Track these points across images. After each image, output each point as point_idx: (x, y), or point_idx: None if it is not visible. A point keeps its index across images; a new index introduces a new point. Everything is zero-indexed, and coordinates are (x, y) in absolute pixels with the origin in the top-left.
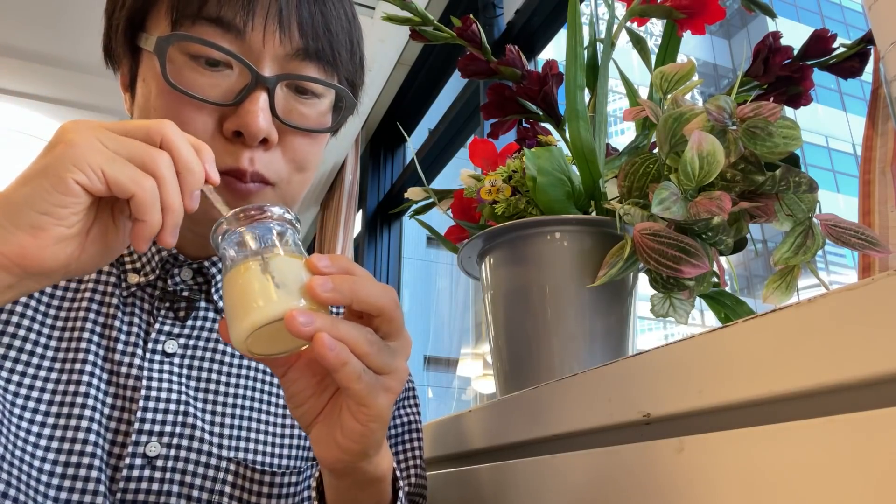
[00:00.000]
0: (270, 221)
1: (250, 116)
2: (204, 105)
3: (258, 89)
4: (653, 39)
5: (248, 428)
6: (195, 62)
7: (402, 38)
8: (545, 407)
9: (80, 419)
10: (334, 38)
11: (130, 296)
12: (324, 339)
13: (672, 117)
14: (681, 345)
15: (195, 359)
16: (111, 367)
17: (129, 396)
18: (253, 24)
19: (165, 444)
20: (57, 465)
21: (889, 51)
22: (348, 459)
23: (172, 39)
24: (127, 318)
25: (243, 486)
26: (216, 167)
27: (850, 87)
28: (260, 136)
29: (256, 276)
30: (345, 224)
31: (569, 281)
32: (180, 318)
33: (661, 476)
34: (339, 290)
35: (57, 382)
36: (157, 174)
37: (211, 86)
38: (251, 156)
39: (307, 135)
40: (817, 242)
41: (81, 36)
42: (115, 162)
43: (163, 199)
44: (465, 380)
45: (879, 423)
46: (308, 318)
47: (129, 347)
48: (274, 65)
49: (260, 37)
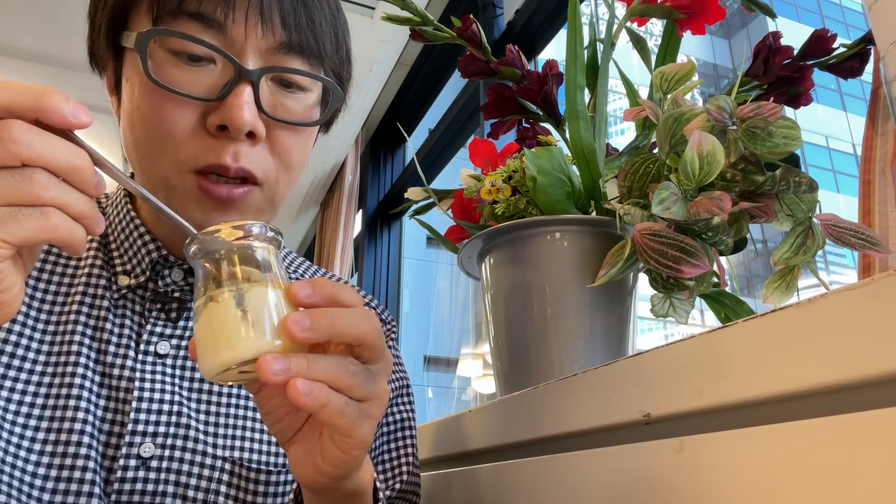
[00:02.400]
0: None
1: (235, 109)
2: (187, 101)
3: (242, 83)
4: (653, 39)
5: (243, 427)
6: (177, 58)
7: (402, 38)
8: (545, 407)
9: (73, 422)
10: (318, 30)
11: (121, 298)
12: (297, 386)
13: (672, 117)
14: (681, 345)
15: (188, 359)
16: (103, 370)
17: (122, 398)
18: (234, 17)
19: (160, 445)
20: (51, 468)
21: (889, 51)
22: (327, 481)
23: (153, 34)
24: (118, 321)
25: (239, 485)
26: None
27: (850, 87)
28: (245, 128)
29: (229, 309)
30: (345, 224)
31: (569, 281)
32: (172, 318)
33: (661, 476)
34: (317, 329)
35: (49, 386)
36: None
37: (194, 81)
38: (235, 150)
39: (294, 129)
40: (817, 242)
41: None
42: (7, 222)
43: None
44: (465, 380)
45: (879, 423)
46: (281, 364)
47: (120, 349)
48: (257, 58)
49: (242, 30)
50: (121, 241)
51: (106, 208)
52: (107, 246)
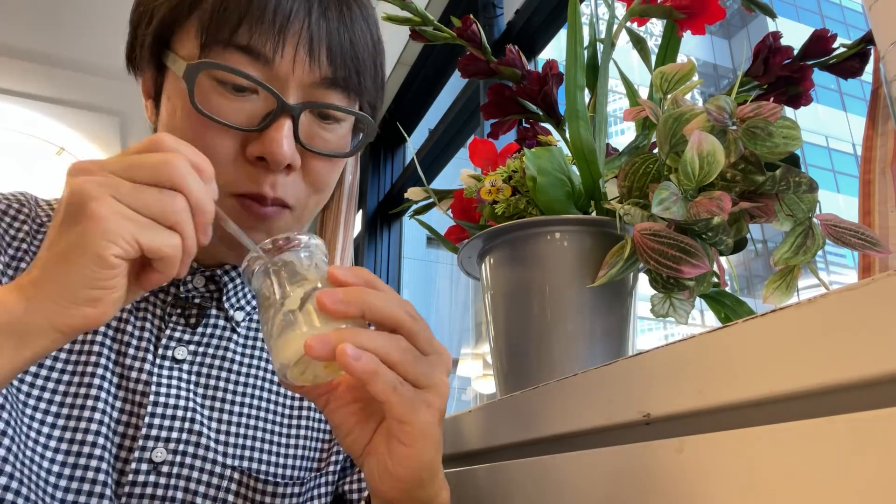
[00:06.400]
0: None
1: (275, 145)
2: (228, 129)
3: (283, 116)
4: (653, 39)
5: (254, 437)
6: (221, 87)
7: (402, 38)
8: (545, 407)
9: (89, 422)
10: (361, 66)
11: (143, 301)
12: (346, 350)
13: (672, 117)
14: (681, 345)
15: (204, 366)
16: (121, 372)
17: (138, 402)
18: (283, 54)
19: (171, 451)
20: (65, 466)
21: (889, 51)
22: (401, 487)
23: (202, 67)
24: (139, 324)
25: (246, 494)
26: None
27: (850, 87)
28: (284, 162)
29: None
30: (345, 224)
31: (569, 281)
32: (191, 325)
33: (661, 476)
34: (349, 302)
35: (68, 384)
36: (178, 229)
37: (236, 111)
38: (273, 181)
39: (328, 159)
40: (817, 242)
41: (81, 36)
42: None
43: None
44: (465, 380)
45: (879, 423)
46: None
47: (139, 353)
48: (299, 92)
49: (290, 65)
50: None
51: None
52: None
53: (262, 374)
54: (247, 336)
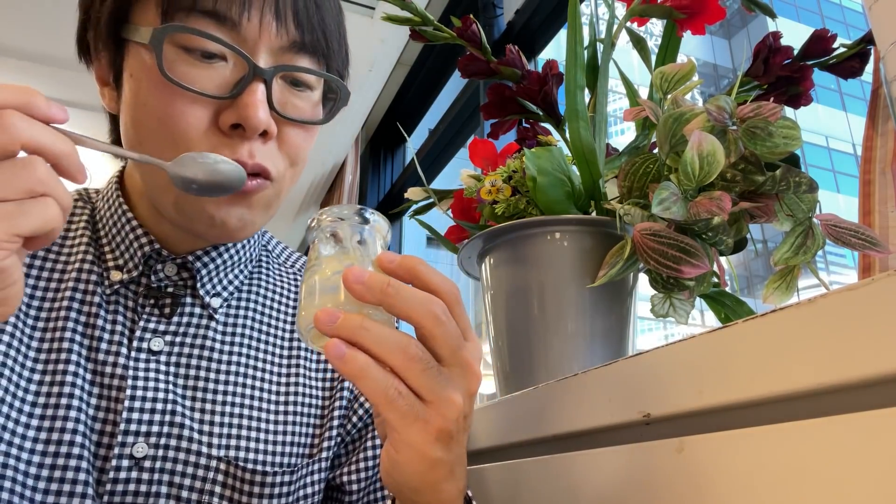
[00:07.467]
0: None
1: (250, 109)
2: (199, 98)
3: (255, 81)
4: (653, 39)
5: (239, 426)
6: (188, 55)
7: (402, 38)
8: (545, 407)
9: (65, 420)
10: (328, 30)
11: (114, 293)
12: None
13: (672, 117)
14: (681, 345)
15: (182, 356)
16: (95, 367)
17: (115, 396)
18: (249, 16)
19: (153, 445)
20: (43, 467)
21: (889, 51)
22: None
23: (169, 30)
24: (110, 317)
25: (234, 486)
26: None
27: (850, 87)
28: (261, 128)
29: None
30: None
31: (569, 281)
32: (165, 314)
33: (661, 476)
34: (370, 286)
35: (40, 384)
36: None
37: (206, 78)
38: (250, 148)
39: (302, 127)
40: (817, 242)
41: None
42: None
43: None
44: None
45: (879, 423)
46: (332, 316)
47: (112, 346)
48: (269, 57)
49: (256, 29)
50: (112, 236)
51: (96, 203)
52: (98, 240)
53: (245, 361)
54: (226, 323)
